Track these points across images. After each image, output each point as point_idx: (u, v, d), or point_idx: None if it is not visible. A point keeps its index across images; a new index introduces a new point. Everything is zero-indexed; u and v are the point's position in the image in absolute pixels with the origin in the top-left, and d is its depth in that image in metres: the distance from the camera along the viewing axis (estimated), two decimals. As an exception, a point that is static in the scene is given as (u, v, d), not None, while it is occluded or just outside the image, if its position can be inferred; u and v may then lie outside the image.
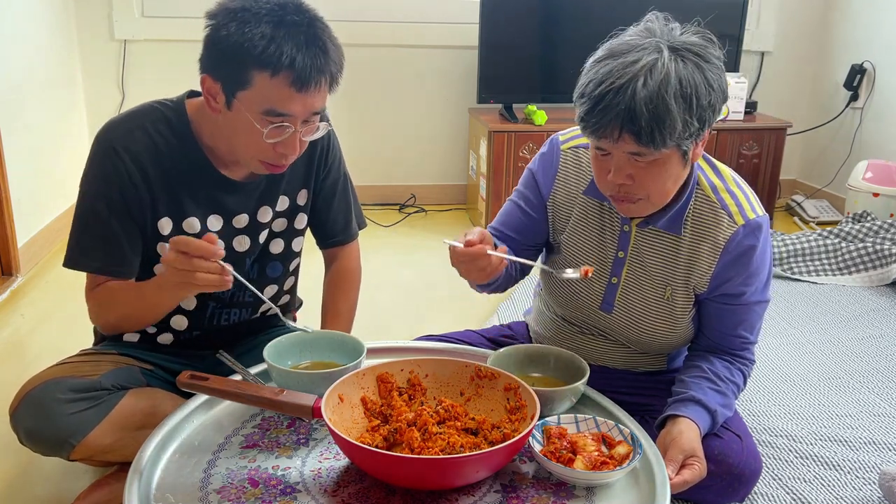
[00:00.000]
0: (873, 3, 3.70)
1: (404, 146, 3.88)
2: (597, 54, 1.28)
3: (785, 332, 2.47)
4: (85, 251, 1.42)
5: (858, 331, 2.48)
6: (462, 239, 1.30)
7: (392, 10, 3.64)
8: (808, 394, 2.07)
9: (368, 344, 1.41)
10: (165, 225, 1.43)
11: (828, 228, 3.19)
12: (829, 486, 1.66)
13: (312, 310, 1.67)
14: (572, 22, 3.48)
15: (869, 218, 3.27)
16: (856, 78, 3.74)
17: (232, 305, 1.56)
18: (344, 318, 1.64)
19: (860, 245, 2.96)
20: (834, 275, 2.94)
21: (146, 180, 1.39)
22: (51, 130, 3.16)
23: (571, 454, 1.17)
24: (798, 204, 3.90)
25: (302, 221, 1.59)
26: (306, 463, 1.20)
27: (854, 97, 3.78)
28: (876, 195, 3.40)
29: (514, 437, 1.11)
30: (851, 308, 2.67)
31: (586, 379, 1.33)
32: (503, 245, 1.36)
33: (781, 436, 1.85)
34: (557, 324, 1.62)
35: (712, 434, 1.42)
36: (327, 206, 1.62)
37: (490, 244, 1.31)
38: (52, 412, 1.33)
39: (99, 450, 1.37)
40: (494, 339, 1.72)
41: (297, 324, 1.55)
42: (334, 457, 1.21)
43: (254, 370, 1.38)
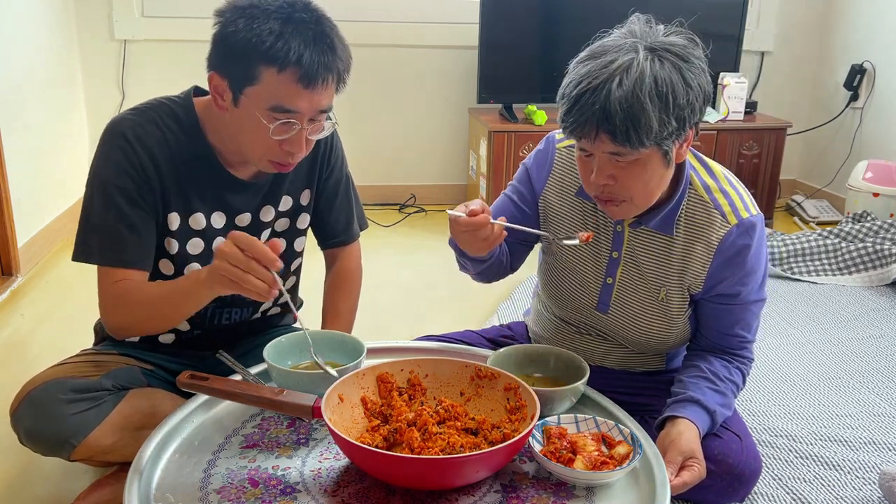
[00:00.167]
0: (873, 3, 3.70)
1: (404, 146, 3.88)
2: (579, 56, 1.29)
3: (785, 332, 2.47)
4: (98, 243, 1.37)
5: (858, 331, 2.48)
6: (464, 210, 1.30)
7: (392, 10, 3.64)
8: (808, 394, 2.07)
9: (368, 344, 1.41)
10: (174, 220, 1.42)
11: (828, 228, 3.19)
12: (829, 486, 1.66)
13: (313, 310, 1.67)
14: (572, 22, 3.49)
15: (869, 218, 3.27)
16: (856, 78, 3.74)
17: (232, 305, 1.56)
18: (344, 319, 1.63)
19: (860, 245, 2.96)
20: (834, 275, 2.94)
21: (158, 172, 1.38)
22: (51, 130, 3.16)
23: (571, 454, 1.17)
24: (798, 204, 3.90)
25: (304, 221, 1.59)
26: (306, 463, 1.20)
27: (854, 97, 3.78)
28: (876, 195, 3.40)
29: (514, 437, 1.11)
30: (851, 308, 2.67)
31: (586, 379, 1.33)
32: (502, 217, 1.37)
33: (781, 436, 1.85)
34: (556, 324, 1.62)
35: (712, 434, 1.42)
36: (329, 207, 1.62)
37: (489, 214, 1.32)
38: (53, 413, 1.33)
39: (99, 450, 1.37)
40: (494, 340, 1.72)
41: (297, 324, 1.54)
42: (334, 457, 1.21)
43: (254, 370, 1.39)
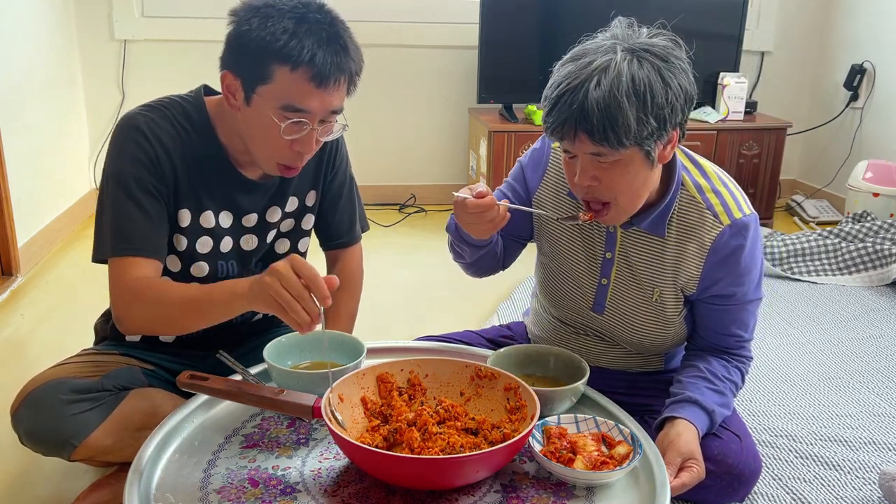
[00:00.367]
0: (873, 3, 3.70)
1: (404, 146, 3.88)
2: (562, 59, 1.30)
3: (785, 332, 2.47)
4: (111, 233, 1.35)
5: (858, 331, 2.48)
6: (468, 192, 1.30)
7: (392, 11, 3.64)
8: (808, 394, 2.07)
9: (368, 344, 1.41)
10: (184, 216, 1.42)
11: (828, 228, 3.18)
12: (829, 486, 1.66)
13: (313, 310, 1.67)
14: (572, 21, 3.49)
15: (869, 218, 3.27)
16: (856, 78, 3.74)
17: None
18: (345, 320, 1.63)
19: (860, 245, 2.96)
20: (834, 275, 2.94)
21: (172, 167, 1.38)
22: (51, 130, 3.16)
23: (571, 454, 1.17)
24: (798, 204, 3.90)
25: (309, 222, 1.60)
26: (306, 463, 1.20)
27: (854, 97, 3.78)
28: (876, 195, 3.40)
29: (514, 437, 1.11)
30: (851, 308, 2.67)
31: (586, 379, 1.33)
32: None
33: (781, 436, 1.85)
34: (554, 325, 1.62)
35: (711, 434, 1.42)
36: (333, 208, 1.62)
37: (493, 197, 1.32)
38: (54, 413, 1.33)
39: (100, 450, 1.37)
40: (493, 340, 1.72)
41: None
42: (334, 457, 1.21)
43: (254, 370, 1.39)
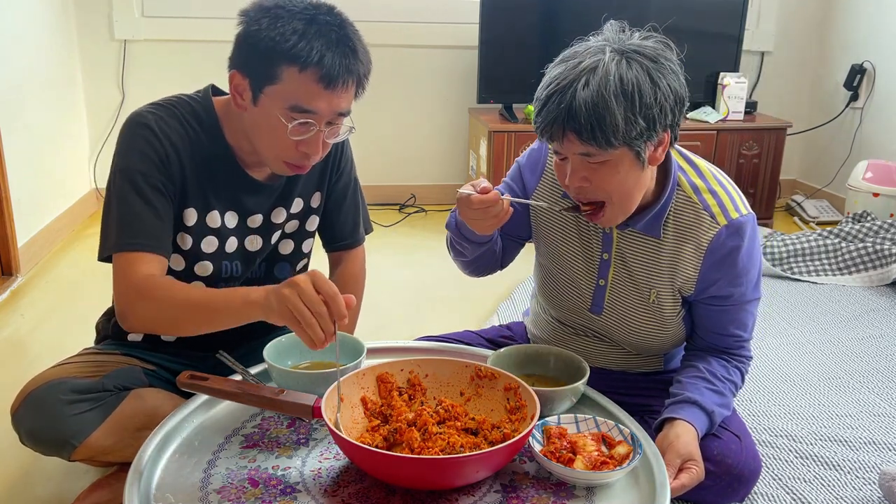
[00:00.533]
0: (873, 3, 3.70)
1: (404, 146, 3.88)
2: (554, 61, 1.31)
3: (785, 332, 2.47)
4: (117, 229, 1.34)
5: (858, 331, 2.48)
6: (471, 189, 1.30)
7: (392, 10, 3.64)
8: (808, 394, 2.07)
9: (368, 344, 1.41)
10: (190, 215, 1.42)
11: (828, 228, 3.18)
12: (829, 486, 1.66)
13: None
14: (572, 21, 3.48)
15: (869, 218, 3.27)
16: (856, 78, 3.74)
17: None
18: (346, 322, 1.63)
19: (860, 245, 2.96)
20: (834, 275, 2.94)
21: (180, 165, 1.38)
22: (51, 130, 3.16)
23: (571, 454, 1.17)
24: (798, 204, 3.90)
25: (313, 224, 1.60)
26: (306, 463, 1.20)
27: (854, 97, 3.78)
28: (876, 195, 3.40)
29: (514, 437, 1.11)
30: (851, 308, 2.67)
31: (586, 379, 1.33)
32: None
33: (781, 436, 1.85)
34: (553, 326, 1.62)
35: (711, 434, 1.42)
36: (337, 209, 1.62)
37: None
38: (54, 413, 1.33)
39: (100, 451, 1.37)
40: (493, 340, 1.72)
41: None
42: (334, 457, 1.21)
43: (254, 370, 1.39)
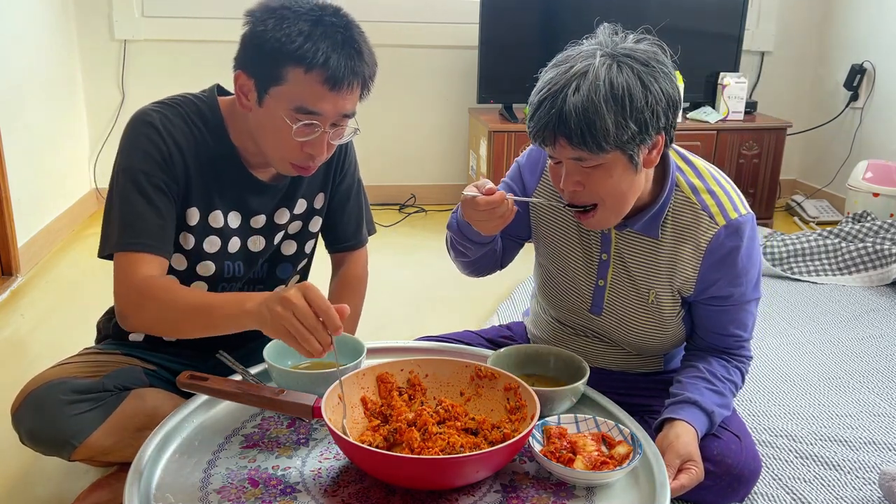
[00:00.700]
0: (873, 3, 3.70)
1: (404, 146, 3.88)
2: (547, 65, 1.31)
3: (785, 332, 2.47)
4: (119, 228, 1.34)
5: (858, 331, 2.48)
6: (475, 190, 1.30)
7: (392, 10, 3.64)
8: (808, 394, 2.07)
9: (368, 344, 1.41)
10: (193, 215, 1.42)
11: (828, 228, 3.18)
12: (829, 486, 1.66)
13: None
14: (572, 21, 3.48)
15: (869, 218, 3.27)
16: (856, 78, 3.74)
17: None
18: (347, 323, 1.63)
19: (860, 245, 2.96)
20: (834, 275, 2.94)
21: (184, 165, 1.38)
22: (51, 130, 3.16)
23: (571, 454, 1.17)
24: (798, 204, 3.90)
25: (316, 225, 1.60)
26: (306, 463, 1.20)
27: (854, 97, 3.78)
28: (876, 195, 3.40)
29: (514, 437, 1.11)
30: (851, 308, 2.67)
31: (586, 379, 1.33)
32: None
33: (781, 436, 1.85)
34: (553, 326, 1.62)
35: (711, 435, 1.42)
36: (341, 211, 1.62)
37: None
38: (55, 413, 1.33)
39: (100, 451, 1.37)
40: (493, 340, 1.72)
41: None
42: (334, 457, 1.21)
43: (254, 370, 1.39)
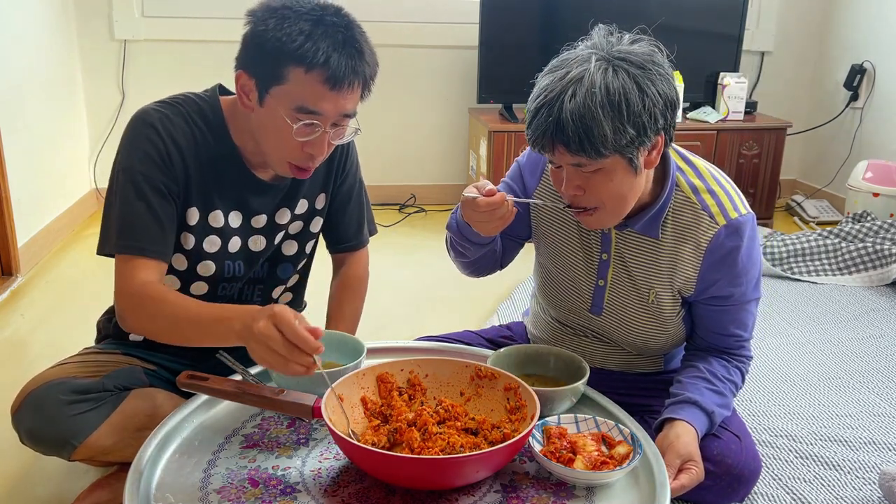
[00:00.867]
0: (873, 3, 3.70)
1: (404, 146, 3.88)
2: (543, 70, 1.30)
3: (785, 332, 2.47)
4: (118, 230, 1.34)
5: (858, 331, 2.48)
6: (475, 192, 1.30)
7: (392, 10, 3.64)
8: (808, 394, 2.08)
9: (368, 344, 1.41)
10: (193, 215, 1.42)
11: (828, 228, 3.18)
12: (829, 486, 1.66)
13: (316, 313, 1.67)
14: (572, 22, 3.48)
15: (869, 218, 3.27)
16: (856, 78, 3.74)
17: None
18: (348, 323, 1.63)
19: (860, 245, 2.96)
20: (834, 275, 2.94)
21: (184, 165, 1.38)
22: (51, 130, 3.16)
23: (571, 454, 1.17)
24: (798, 204, 3.90)
25: (317, 225, 1.60)
26: (306, 463, 1.20)
27: (854, 97, 3.78)
28: (876, 195, 3.40)
29: (514, 437, 1.11)
30: (851, 308, 2.67)
31: (586, 379, 1.33)
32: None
33: (781, 436, 1.85)
34: (553, 326, 1.62)
35: (711, 435, 1.42)
36: (342, 211, 1.62)
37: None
38: (55, 413, 1.33)
39: (100, 451, 1.37)
40: (493, 340, 1.72)
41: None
42: (334, 457, 1.21)
43: (254, 370, 1.39)
